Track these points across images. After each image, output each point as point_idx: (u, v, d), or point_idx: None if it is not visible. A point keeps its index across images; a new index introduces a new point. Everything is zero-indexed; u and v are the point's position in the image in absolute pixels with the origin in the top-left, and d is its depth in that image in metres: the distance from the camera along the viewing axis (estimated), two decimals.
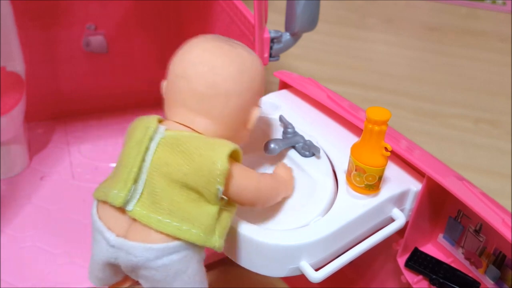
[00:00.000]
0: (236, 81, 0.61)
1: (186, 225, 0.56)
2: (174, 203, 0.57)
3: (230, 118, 0.62)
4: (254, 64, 0.64)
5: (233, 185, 0.59)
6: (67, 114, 1.27)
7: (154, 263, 0.57)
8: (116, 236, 0.58)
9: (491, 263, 0.68)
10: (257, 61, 0.65)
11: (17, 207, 1.04)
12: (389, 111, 0.63)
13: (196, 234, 0.57)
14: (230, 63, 0.62)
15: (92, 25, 1.19)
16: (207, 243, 0.58)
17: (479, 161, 1.34)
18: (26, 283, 0.91)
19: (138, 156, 0.58)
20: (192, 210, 0.57)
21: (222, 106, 0.61)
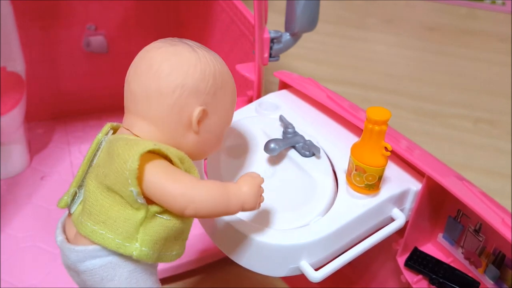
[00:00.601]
0: (167, 78, 0.57)
1: (102, 228, 0.55)
2: (97, 206, 0.55)
3: (165, 119, 0.58)
4: (193, 61, 0.58)
5: (149, 187, 0.54)
6: (67, 114, 1.27)
7: (80, 266, 0.57)
8: (62, 238, 0.59)
9: (491, 262, 0.68)
10: (201, 59, 0.59)
11: (18, 207, 1.05)
12: (389, 111, 0.63)
13: (110, 239, 0.55)
14: (163, 61, 0.58)
15: (92, 25, 1.19)
16: (120, 250, 0.55)
17: (478, 161, 1.34)
18: (26, 283, 0.91)
19: (86, 161, 0.59)
20: (113, 214, 0.55)
21: (154, 106, 0.58)
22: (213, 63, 0.60)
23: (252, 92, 0.89)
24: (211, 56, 0.60)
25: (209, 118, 0.60)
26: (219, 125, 0.62)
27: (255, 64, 0.87)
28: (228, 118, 0.63)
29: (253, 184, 0.58)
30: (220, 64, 0.61)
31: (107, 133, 0.60)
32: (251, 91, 0.89)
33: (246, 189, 0.58)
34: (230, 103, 0.62)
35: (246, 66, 0.90)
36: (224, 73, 0.61)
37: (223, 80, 0.60)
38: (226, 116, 0.63)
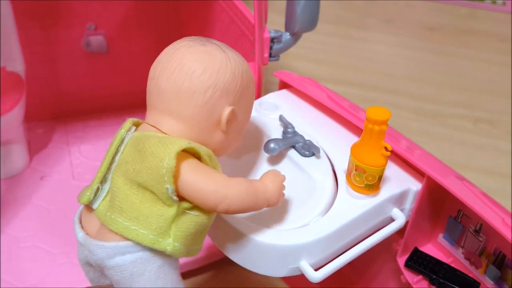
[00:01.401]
0: (199, 78, 0.58)
1: (135, 224, 0.55)
2: (127, 202, 0.56)
3: (195, 118, 0.59)
4: (224, 62, 0.60)
5: (184, 185, 0.55)
6: (67, 114, 1.27)
7: (109, 262, 0.56)
8: (84, 234, 0.59)
9: (491, 263, 0.68)
10: (231, 60, 0.61)
11: (17, 207, 1.05)
12: (389, 111, 0.63)
13: (144, 235, 0.55)
14: (195, 60, 0.59)
15: (92, 25, 1.19)
16: (155, 245, 0.55)
17: (478, 161, 1.34)
18: (26, 283, 0.91)
19: (108, 157, 0.59)
20: (145, 210, 0.56)
21: (185, 105, 0.58)
22: (241, 63, 0.62)
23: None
24: (238, 57, 0.62)
25: (237, 117, 0.61)
26: (243, 123, 0.64)
27: (255, 64, 0.87)
28: (249, 116, 0.66)
29: (276, 181, 0.61)
30: (246, 64, 0.63)
31: (129, 129, 0.60)
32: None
33: (271, 186, 0.61)
34: (252, 102, 0.65)
35: None
36: (249, 73, 0.63)
37: (248, 80, 0.62)
38: (248, 115, 0.65)
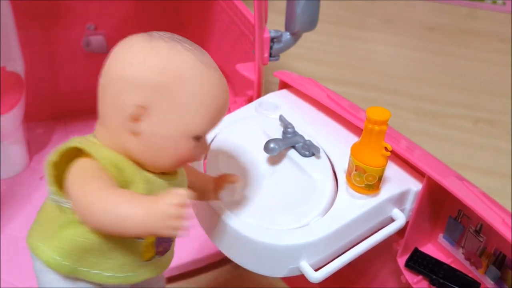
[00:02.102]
0: (109, 70, 0.53)
1: (33, 225, 0.58)
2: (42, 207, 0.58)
3: (109, 117, 0.54)
4: (142, 53, 0.52)
5: (67, 189, 0.51)
6: (67, 114, 1.27)
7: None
8: None
9: (491, 263, 0.68)
10: (152, 50, 0.52)
11: (17, 207, 1.04)
12: (389, 111, 0.63)
13: (31, 237, 0.57)
14: (115, 53, 0.54)
15: (92, 25, 1.19)
16: (33, 250, 0.55)
17: (479, 161, 1.34)
18: (26, 283, 0.91)
19: None
20: (42, 213, 0.58)
21: (101, 103, 0.54)
22: (168, 56, 0.52)
23: (252, 92, 0.89)
24: (171, 50, 0.53)
25: (154, 118, 0.52)
26: (171, 128, 0.53)
27: (255, 64, 0.87)
28: (190, 121, 0.53)
29: (171, 207, 0.48)
30: (182, 59, 0.53)
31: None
32: (251, 91, 0.89)
33: (166, 213, 0.48)
34: (191, 104, 0.53)
35: (246, 66, 0.90)
36: (184, 69, 0.52)
37: (180, 77, 0.52)
38: (184, 119, 0.53)
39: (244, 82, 0.94)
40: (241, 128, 0.77)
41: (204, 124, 0.54)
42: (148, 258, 0.57)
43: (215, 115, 0.55)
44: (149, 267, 0.58)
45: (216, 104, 0.54)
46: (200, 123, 0.54)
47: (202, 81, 0.53)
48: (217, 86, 0.54)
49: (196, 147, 0.55)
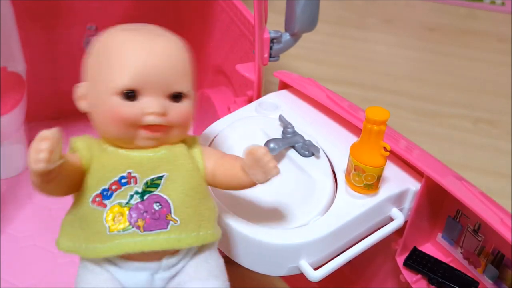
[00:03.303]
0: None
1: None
2: None
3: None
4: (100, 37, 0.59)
5: None
6: (68, 114, 1.27)
7: None
8: None
9: (490, 262, 0.68)
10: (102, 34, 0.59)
11: (18, 207, 1.05)
12: (388, 111, 0.63)
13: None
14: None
15: (93, 25, 1.19)
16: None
17: (478, 161, 1.34)
18: (26, 283, 0.91)
19: None
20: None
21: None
22: (107, 34, 0.59)
23: (252, 92, 0.89)
24: (107, 31, 0.59)
25: (88, 91, 0.58)
26: (97, 91, 0.57)
27: (255, 64, 0.87)
28: (107, 78, 0.56)
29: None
30: (108, 33, 0.59)
31: None
32: (251, 91, 0.89)
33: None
34: (107, 63, 0.57)
35: (246, 66, 0.90)
36: (106, 40, 0.58)
37: (101, 47, 0.58)
38: (103, 78, 0.57)
39: (244, 82, 0.94)
40: (241, 128, 0.77)
41: (121, 79, 0.55)
42: (118, 229, 0.54)
43: (135, 69, 0.55)
44: (125, 238, 0.54)
45: (131, 59, 0.55)
46: (117, 78, 0.55)
47: (117, 42, 0.57)
48: (135, 42, 0.56)
49: (128, 106, 0.55)
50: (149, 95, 0.56)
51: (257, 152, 0.56)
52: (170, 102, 0.57)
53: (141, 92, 0.55)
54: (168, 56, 0.57)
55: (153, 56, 0.56)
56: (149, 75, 0.55)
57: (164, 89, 0.56)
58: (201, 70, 1.19)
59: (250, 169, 0.57)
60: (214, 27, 1.09)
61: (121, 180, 0.55)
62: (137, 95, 0.55)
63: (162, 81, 0.56)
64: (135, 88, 0.55)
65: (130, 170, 0.56)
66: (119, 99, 0.55)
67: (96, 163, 0.57)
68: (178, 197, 0.56)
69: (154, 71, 0.55)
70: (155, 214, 0.55)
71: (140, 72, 0.55)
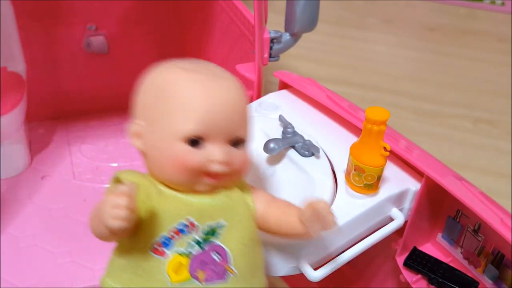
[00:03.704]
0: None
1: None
2: None
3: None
4: (150, 74, 0.58)
5: None
6: (68, 114, 1.27)
7: None
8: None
9: (490, 262, 0.68)
10: (156, 70, 0.58)
11: (18, 206, 1.05)
12: (388, 111, 0.63)
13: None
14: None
15: (92, 25, 1.19)
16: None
17: (478, 161, 1.34)
18: (26, 283, 0.91)
19: None
20: None
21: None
22: (156, 74, 0.57)
23: (252, 92, 0.89)
24: (160, 67, 0.57)
25: (148, 130, 0.55)
26: (160, 135, 0.54)
27: (255, 64, 0.87)
28: (173, 123, 0.54)
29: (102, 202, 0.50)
30: (165, 72, 0.57)
31: None
32: (251, 91, 0.89)
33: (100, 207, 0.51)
34: (172, 107, 0.54)
35: (246, 66, 0.90)
36: (166, 79, 0.56)
37: (162, 87, 0.56)
38: (168, 122, 0.54)
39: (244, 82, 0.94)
40: None
41: (188, 124, 0.53)
42: (179, 280, 0.53)
43: (201, 115, 0.53)
44: None
45: (197, 103, 0.53)
46: (183, 123, 0.53)
47: (180, 83, 0.55)
48: (200, 86, 0.54)
49: (194, 153, 0.53)
50: (214, 142, 0.54)
51: (318, 205, 0.54)
52: (231, 147, 0.55)
53: (205, 138, 0.53)
54: (233, 101, 0.55)
55: (219, 102, 0.54)
56: (216, 121, 0.53)
57: (228, 134, 0.54)
58: None
59: (308, 221, 0.55)
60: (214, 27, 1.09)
61: (181, 227, 0.54)
62: (202, 141, 0.53)
63: (227, 127, 0.54)
64: (201, 135, 0.53)
65: (190, 217, 0.54)
66: (184, 145, 0.53)
67: (155, 207, 0.53)
68: (236, 247, 0.55)
69: (220, 117, 0.54)
70: (214, 266, 0.54)
71: (207, 118, 0.53)
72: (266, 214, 0.59)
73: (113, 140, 1.22)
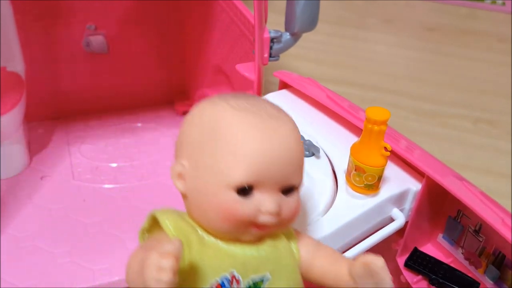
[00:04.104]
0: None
1: None
2: None
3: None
4: (194, 109, 0.54)
5: None
6: (67, 114, 1.27)
7: None
8: None
9: (491, 263, 0.68)
10: (201, 105, 0.53)
11: (17, 207, 1.05)
12: (388, 111, 0.63)
13: None
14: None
15: (92, 25, 1.19)
16: None
17: (478, 161, 1.34)
18: (26, 283, 0.91)
19: None
20: None
21: None
22: (204, 110, 0.52)
23: (252, 92, 0.89)
24: (209, 103, 0.52)
25: (194, 172, 0.50)
26: (207, 179, 0.49)
27: (255, 64, 0.87)
28: (223, 170, 0.49)
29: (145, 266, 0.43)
30: (216, 109, 0.51)
31: None
32: (251, 91, 0.89)
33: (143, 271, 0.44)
34: (223, 151, 0.49)
35: (246, 66, 0.90)
36: (216, 118, 0.50)
37: (212, 127, 0.50)
38: (218, 168, 0.49)
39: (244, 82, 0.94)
40: None
41: (239, 172, 0.48)
42: None
43: (254, 162, 0.48)
44: None
45: (251, 149, 0.48)
46: (233, 169, 0.48)
47: (232, 125, 0.50)
48: (253, 129, 0.49)
49: (243, 203, 0.48)
50: (265, 190, 0.49)
51: (375, 265, 0.50)
52: (283, 196, 0.51)
53: (256, 186, 0.49)
54: (289, 146, 0.50)
55: (273, 147, 0.49)
56: (270, 169, 0.49)
57: (281, 183, 0.50)
58: (201, 70, 1.19)
59: (360, 279, 0.50)
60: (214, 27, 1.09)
61: (223, 282, 0.49)
62: (252, 189, 0.49)
63: (281, 175, 0.50)
64: (252, 183, 0.48)
65: (233, 270, 0.50)
66: (232, 194, 0.48)
67: (196, 258, 0.49)
68: None
69: (275, 165, 0.49)
70: None
71: (260, 165, 0.48)
72: (312, 263, 0.55)
73: (113, 140, 1.22)
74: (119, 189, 1.09)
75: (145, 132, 1.26)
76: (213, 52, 1.11)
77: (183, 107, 1.31)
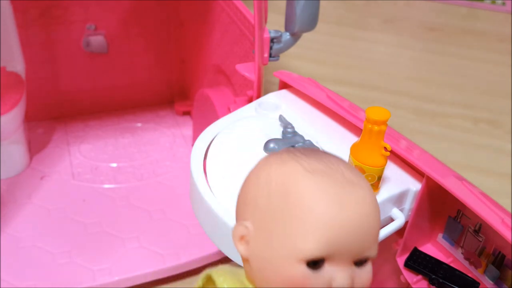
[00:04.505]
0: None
1: None
2: None
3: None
4: (257, 167, 0.49)
5: None
6: (67, 114, 1.27)
7: None
8: None
9: (491, 263, 0.68)
10: (266, 163, 0.48)
11: (17, 207, 1.05)
12: (388, 111, 0.63)
13: None
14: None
15: (92, 25, 1.19)
16: None
17: (479, 161, 1.34)
18: (26, 282, 0.91)
19: None
20: None
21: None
22: (287, 171, 0.46)
23: (252, 92, 0.89)
24: (278, 163, 0.47)
25: (259, 238, 0.46)
26: (275, 249, 0.44)
27: (255, 64, 0.87)
28: (293, 241, 0.44)
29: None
30: (286, 171, 0.46)
31: None
32: (251, 91, 0.89)
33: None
34: (294, 220, 0.44)
35: (246, 66, 0.90)
36: (286, 182, 0.45)
37: (280, 191, 0.45)
38: (287, 238, 0.44)
39: (244, 82, 0.94)
40: (241, 128, 0.77)
41: (311, 243, 0.43)
42: None
43: (329, 233, 0.43)
44: None
45: (326, 218, 0.43)
46: (305, 240, 0.43)
47: (306, 189, 0.45)
48: (328, 196, 0.44)
49: (314, 278, 0.43)
50: (337, 263, 0.44)
51: None
52: (355, 268, 0.45)
53: (328, 259, 0.44)
54: (367, 216, 0.45)
55: (350, 217, 0.44)
56: (345, 241, 0.44)
57: (354, 255, 0.45)
58: (201, 70, 1.19)
59: None
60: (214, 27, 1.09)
61: None
62: (324, 262, 0.44)
63: (356, 248, 0.44)
64: (325, 256, 0.43)
65: None
66: (302, 267, 0.43)
67: None
68: None
69: (351, 237, 0.44)
70: None
71: (335, 238, 0.43)
72: None
73: (113, 140, 1.22)
74: (119, 189, 1.10)
75: (145, 132, 1.26)
76: (213, 52, 1.11)
77: (183, 107, 1.31)
